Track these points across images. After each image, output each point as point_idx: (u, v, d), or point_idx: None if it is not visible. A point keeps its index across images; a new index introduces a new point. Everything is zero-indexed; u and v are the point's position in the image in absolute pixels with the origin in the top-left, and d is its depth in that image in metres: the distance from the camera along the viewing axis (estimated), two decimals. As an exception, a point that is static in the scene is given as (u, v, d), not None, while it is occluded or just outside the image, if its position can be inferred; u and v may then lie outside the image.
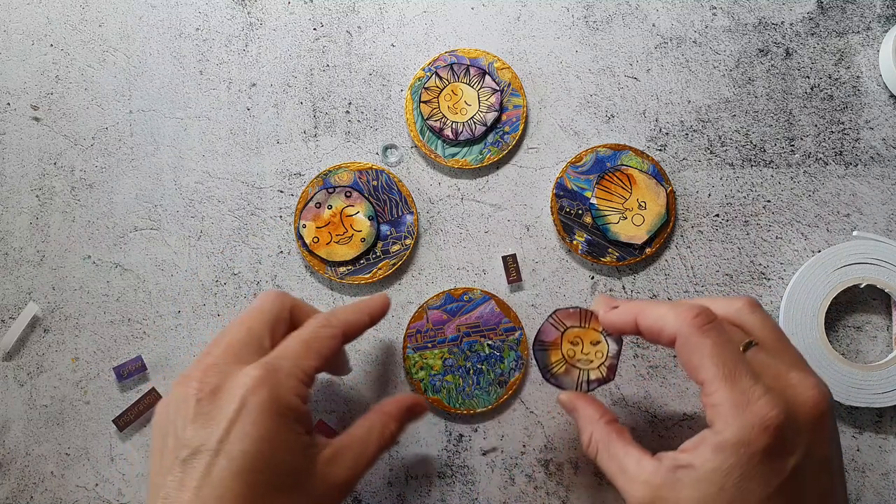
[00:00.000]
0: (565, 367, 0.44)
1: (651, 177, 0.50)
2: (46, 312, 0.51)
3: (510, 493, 0.49)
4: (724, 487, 0.34)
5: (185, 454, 0.36)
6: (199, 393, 0.37)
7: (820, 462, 0.35)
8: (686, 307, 0.37)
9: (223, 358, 0.39)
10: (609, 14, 0.52)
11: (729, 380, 0.35)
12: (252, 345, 0.40)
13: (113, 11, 0.53)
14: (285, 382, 0.38)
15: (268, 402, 0.37)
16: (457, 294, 0.50)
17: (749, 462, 0.34)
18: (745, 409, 0.34)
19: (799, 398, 0.35)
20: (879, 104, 0.51)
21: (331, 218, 0.50)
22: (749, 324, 0.38)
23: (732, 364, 0.35)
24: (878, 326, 0.50)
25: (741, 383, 0.35)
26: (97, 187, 0.52)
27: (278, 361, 0.38)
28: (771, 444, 0.34)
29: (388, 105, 0.52)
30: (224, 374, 0.38)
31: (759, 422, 0.34)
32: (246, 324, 0.40)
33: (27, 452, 0.50)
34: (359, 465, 0.40)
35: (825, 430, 0.35)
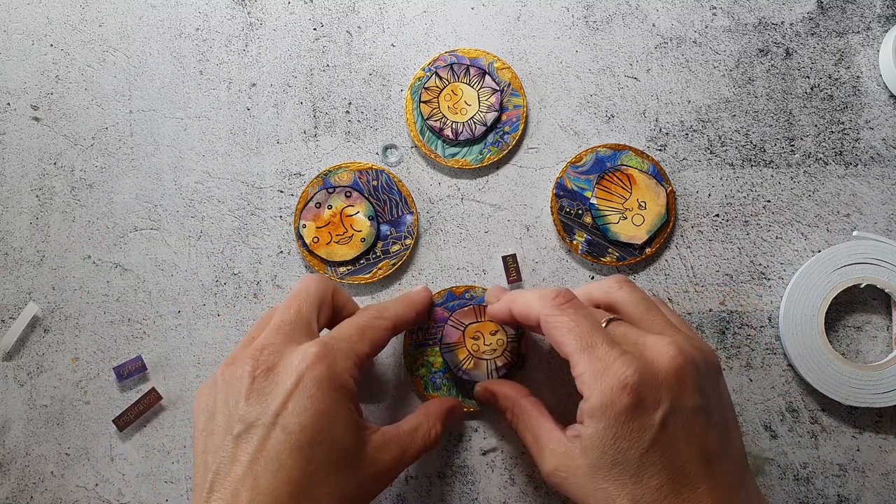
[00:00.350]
0: (473, 361, 0.48)
1: (651, 177, 0.50)
2: (46, 312, 0.51)
3: (510, 493, 0.49)
4: (605, 450, 0.36)
5: (239, 429, 0.36)
6: (255, 371, 0.37)
7: (690, 412, 0.36)
8: (548, 291, 0.40)
9: (276, 338, 0.39)
10: (609, 14, 0.52)
11: (587, 350, 0.37)
12: (302, 327, 0.40)
13: (113, 11, 0.53)
14: (341, 362, 0.38)
15: (326, 377, 0.37)
16: (458, 292, 0.50)
17: (617, 422, 0.36)
18: (603, 374, 0.36)
19: (655, 357, 0.37)
20: (879, 104, 0.51)
21: (331, 218, 0.50)
22: (618, 299, 0.42)
23: (589, 335, 0.37)
24: (878, 326, 0.50)
25: (598, 351, 0.37)
26: (97, 187, 0.52)
27: (335, 342, 0.39)
28: (631, 402, 0.35)
29: (388, 105, 0.52)
30: (279, 353, 0.38)
31: (617, 383, 0.36)
32: (293, 307, 0.41)
33: (27, 452, 0.50)
34: (404, 457, 0.41)
35: (688, 382, 0.36)
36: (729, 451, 0.37)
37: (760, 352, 0.50)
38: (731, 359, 0.50)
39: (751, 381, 0.50)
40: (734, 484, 0.37)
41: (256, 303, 0.51)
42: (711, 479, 0.36)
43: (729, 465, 0.37)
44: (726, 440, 0.38)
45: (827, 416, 0.49)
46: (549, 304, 0.39)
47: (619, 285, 0.42)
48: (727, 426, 0.38)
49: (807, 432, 0.49)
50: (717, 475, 0.36)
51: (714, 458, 0.36)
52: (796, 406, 0.50)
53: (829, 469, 0.49)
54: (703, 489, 0.36)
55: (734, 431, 0.39)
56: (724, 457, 0.37)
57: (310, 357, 0.37)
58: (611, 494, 0.36)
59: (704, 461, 0.36)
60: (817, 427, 0.49)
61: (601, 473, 0.36)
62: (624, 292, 0.42)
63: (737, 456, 0.38)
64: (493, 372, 0.48)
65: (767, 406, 0.49)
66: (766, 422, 0.49)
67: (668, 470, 0.35)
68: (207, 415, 0.38)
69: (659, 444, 0.36)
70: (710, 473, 0.36)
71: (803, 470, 0.49)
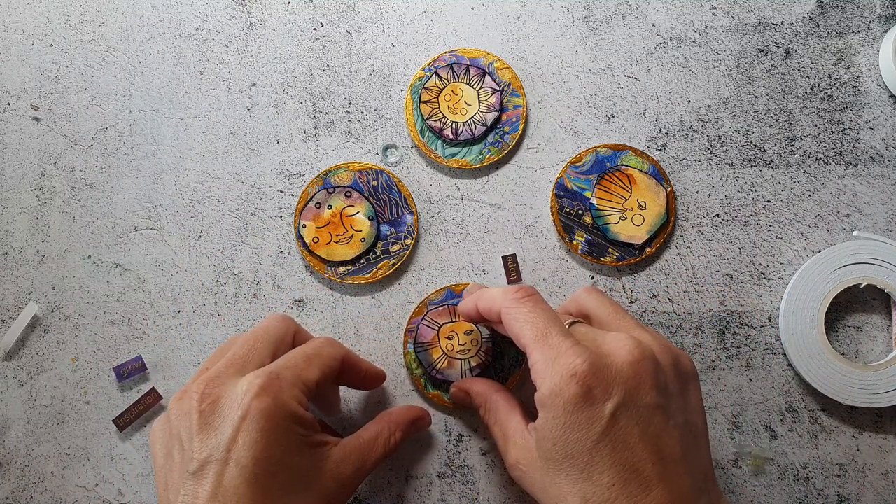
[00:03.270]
0: (447, 360, 0.49)
1: (651, 177, 0.50)
2: (46, 312, 0.51)
3: (510, 493, 0.49)
4: (555, 441, 0.36)
5: (195, 467, 0.36)
6: (202, 404, 0.37)
7: (646, 408, 0.36)
8: (511, 287, 0.40)
9: (224, 371, 0.39)
10: (609, 14, 0.52)
11: (541, 339, 0.37)
12: (253, 361, 0.40)
13: (113, 11, 0.53)
14: (287, 390, 0.38)
15: (272, 407, 0.37)
16: (458, 290, 0.50)
17: (565, 411, 0.35)
18: (553, 363, 0.36)
19: (612, 350, 0.37)
20: (879, 104, 0.51)
21: (331, 218, 0.50)
22: (587, 305, 0.42)
23: (544, 325, 0.37)
24: (878, 326, 0.50)
25: (551, 340, 0.37)
26: (97, 187, 0.52)
27: (279, 370, 0.39)
28: (579, 390, 0.35)
29: (388, 105, 0.52)
30: (224, 386, 0.38)
31: (567, 371, 0.35)
32: (249, 342, 0.41)
33: (27, 452, 0.50)
34: (364, 465, 0.41)
35: (645, 378, 0.36)
36: (691, 457, 0.36)
37: (760, 352, 0.50)
38: (731, 359, 0.50)
39: (751, 381, 0.50)
40: (694, 491, 0.35)
41: (256, 303, 0.51)
42: (668, 482, 0.35)
43: (689, 471, 0.36)
44: (690, 445, 0.37)
45: (827, 416, 0.49)
46: (510, 297, 0.39)
47: (587, 293, 0.43)
48: (692, 431, 0.37)
49: (807, 432, 0.49)
50: (674, 479, 0.35)
51: (672, 461, 0.35)
52: (796, 406, 0.50)
53: (829, 469, 0.49)
54: (658, 492, 0.34)
55: (701, 439, 0.38)
56: (686, 461, 0.36)
57: (254, 388, 0.37)
58: (562, 491, 0.35)
59: (661, 462, 0.35)
60: (817, 427, 0.49)
61: (554, 467, 0.36)
62: (592, 298, 0.42)
63: (701, 464, 0.37)
64: (466, 372, 0.48)
65: (767, 406, 0.49)
66: (766, 422, 0.49)
67: (619, 467, 0.34)
68: (164, 451, 0.39)
69: (609, 438, 0.35)
70: (666, 476, 0.35)
71: (803, 470, 0.49)
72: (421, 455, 0.50)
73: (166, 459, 0.38)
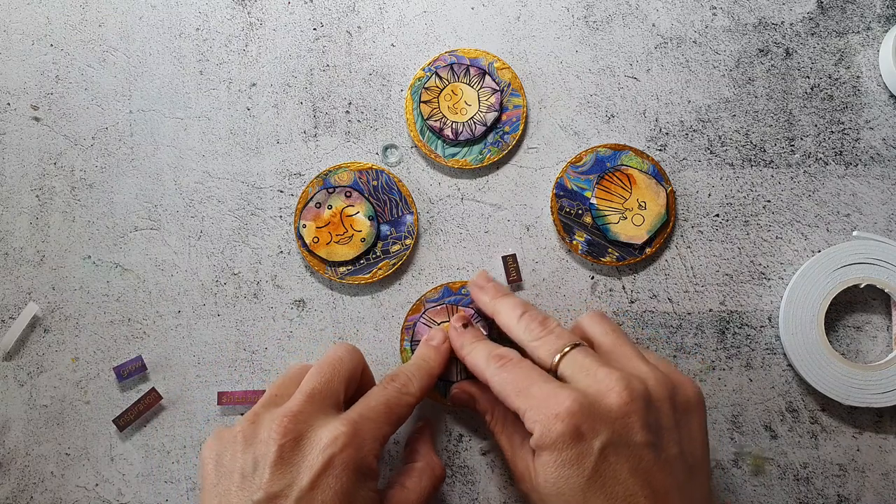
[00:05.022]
0: None
1: (651, 177, 0.50)
2: (46, 312, 0.51)
3: (510, 493, 0.49)
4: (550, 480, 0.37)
5: (260, 496, 0.36)
6: (283, 439, 0.37)
7: (637, 447, 0.36)
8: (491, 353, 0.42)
9: (306, 407, 0.39)
10: (609, 14, 0.52)
11: (524, 391, 0.39)
12: (332, 397, 0.40)
13: (113, 11, 0.53)
14: (368, 444, 0.39)
15: (353, 461, 0.37)
16: (455, 287, 0.50)
17: (555, 448, 0.36)
18: (539, 407, 0.37)
19: (601, 390, 0.37)
20: (879, 104, 0.51)
21: (331, 218, 0.50)
22: (590, 332, 0.43)
23: (524, 379, 0.39)
24: (878, 326, 0.50)
25: (533, 388, 0.38)
26: (97, 187, 0.52)
27: (363, 421, 0.39)
28: (566, 429, 0.36)
29: (388, 105, 0.52)
30: (308, 424, 0.38)
31: (552, 412, 0.36)
32: (326, 374, 0.41)
33: (27, 452, 0.50)
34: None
35: (634, 419, 0.37)
36: (686, 488, 0.37)
37: (760, 352, 0.50)
38: (731, 359, 0.50)
39: (751, 381, 0.50)
40: None
41: (256, 303, 0.51)
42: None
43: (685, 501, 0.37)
44: (683, 476, 0.37)
45: (827, 416, 0.49)
46: (492, 366, 0.41)
47: (591, 320, 0.44)
48: (687, 462, 0.38)
49: (807, 432, 0.49)
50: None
51: (664, 494, 0.36)
52: (796, 406, 0.50)
53: (829, 469, 0.49)
54: None
55: (697, 469, 0.38)
56: (681, 492, 0.37)
57: (340, 438, 0.38)
58: None
59: (653, 496, 0.36)
60: (817, 427, 0.49)
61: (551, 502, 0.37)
62: (595, 325, 0.44)
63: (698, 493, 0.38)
64: (461, 371, 0.48)
65: (767, 406, 0.49)
66: (766, 422, 0.49)
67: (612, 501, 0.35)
68: (222, 470, 0.38)
69: (600, 474, 0.36)
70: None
71: (803, 470, 0.49)
72: (421, 455, 0.50)
73: (221, 479, 0.38)
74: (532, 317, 0.43)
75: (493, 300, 0.46)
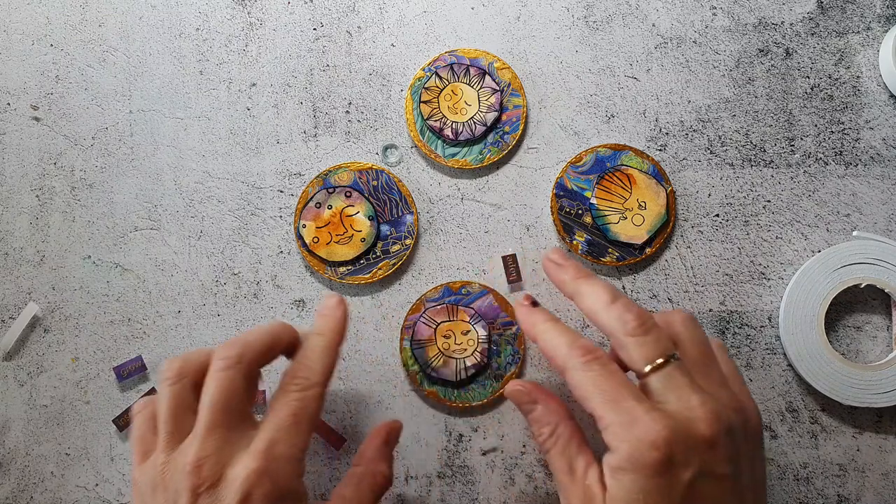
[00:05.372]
0: (443, 359, 0.49)
1: (651, 177, 0.50)
2: (46, 312, 0.51)
3: (510, 493, 0.49)
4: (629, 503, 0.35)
5: None
6: (199, 489, 0.36)
7: (718, 479, 0.36)
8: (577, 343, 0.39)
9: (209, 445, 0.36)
10: (609, 14, 0.52)
11: (613, 403, 0.36)
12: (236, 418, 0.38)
13: (113, 11, 0.53)
14: (285, 468, 0.37)
15: (272, 492, 0.36)
16: (455, 287, 0.50)
17: (645, 476, 0.35)
18: (632, 426, 0.35)
19: (692, 418, 0.36)
20: (879, 104, 0.51)
21: (331, 218, 0.50)
22: (682, 337, 0.40)
23: (615, 390, 0.37)
24: (878, 326, 0.50)
25: (625, 404, 0.36)
26: (97, 187, 0.52)
27: (274, 446, 0.37)
28: (661, 457, 0.35)
29: (388, 105, 0.52)
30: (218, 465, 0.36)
31: (647, 437, 0.35)
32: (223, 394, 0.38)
33: (27, 452, 0.50)
34: None
35: (719, 450, 0.36)
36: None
37: (760, 352, 0.50)
38: (730, 358, 0.50)
39: (751, 381, 0.50)
40: None
41: (256, 303, 0.51)
42: None
43: None
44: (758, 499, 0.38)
45: (827, 416, 0.49)
46: (576, 358, 0.38)
47: (684, 324, 0.40)
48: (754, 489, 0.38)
49: (807, 432, 0.49)
50: None
51: None
52: (796, 406, 0.50)
53: (829, 469, 0.49)
54: None
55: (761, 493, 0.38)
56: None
57: (253, 476, 0.36)
58: None
59: None
60: (817, 427, 0.49)
61: None
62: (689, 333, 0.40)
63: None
64: (461, 371, 0.48)
65: (767, 406, 0.49)
66: (766, 422, 0.49)
67: None
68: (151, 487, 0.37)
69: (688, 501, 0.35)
70: None
71: (803, 470, 0.49)
72: (421, 455, 0.50)
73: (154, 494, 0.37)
74: (627, 306, 0.39)
75: (577, 280, 0.41)
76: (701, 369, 0.39)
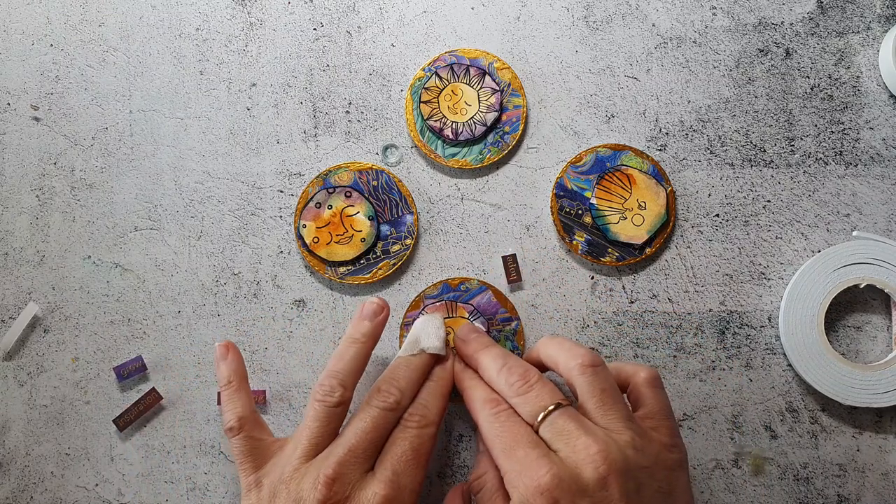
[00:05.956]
0: None
1: (651, 177, 0.50)
2: (46, 312, 0.51)
3: (510, 493, 0.49)
4: None
5: None
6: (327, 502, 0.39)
7: None
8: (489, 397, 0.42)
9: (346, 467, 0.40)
10: (609, 14, 0.52)
11: (509, 451, 0.39)
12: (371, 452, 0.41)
13: (113, 11, 0.53)
14: (408, 499, 0.40)
15: None
16: (454, 283, 0.50)
17: None
18: (522, 474, 0.37)
19: (579, 462, 0.37)
20: (879, 104, 0.51)
21: (331, 218, 0.50)
22: (577, 385, 0.41)
23: (513, 439, 0.39)
24: (878, 326, 0.50)
25: (518, 452, 0.38)
26: (97, 187, 0.52)
27: (398, 477, 0.41)
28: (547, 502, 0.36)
29: (388, 105, 0.52)
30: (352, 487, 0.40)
31: (532, 483, 0.37)
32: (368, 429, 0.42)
33: (27, 452, 0.50)
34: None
35: (613, 488, 0.37)
36: None
37: (760, 352, 0.50)
38: (731, 359, 0.50)
39: (751, 381, 0.50)
40: None
41: (256, 303, 0.51)
42: None
43: None
44: None
45: (827, 416, 0.49)
46: (486, 412, 0.41)
47: (581, 371, 0.41)
48: None
49: (807, 432, 0.49)
50: None
51: None
52: (796, 406, 0.50)
53: (829, 469, 0.49)
54: None
55: None
56: None
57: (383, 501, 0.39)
58: None
59: None
60: (817, 427, 0.49)
61: None
62: (584, 380, 0.41)
63: None
64: None
65: (767, 406, 0.49)
66: (766, 422, 0.49)
67: None
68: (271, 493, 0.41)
69: None
70: None
71: (803, 470, 0.49)
72: (421, 455, 0.50)
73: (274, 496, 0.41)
74: (511, 370, 0.42)
75: (476, 353, 0.45)
76: (597, 412, 0.40)
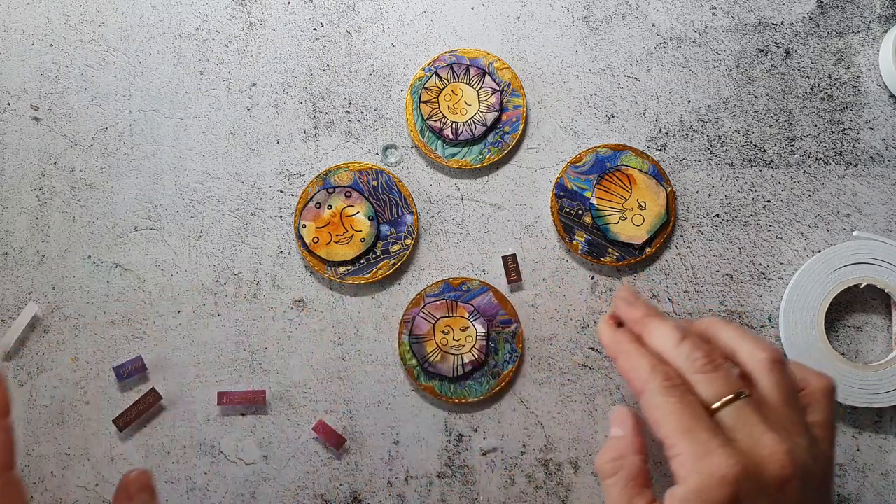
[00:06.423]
0: (441, 354, 0.49)
1: (651, 177, 0.50)
2: (46, 312, 0.51)
3: (510, 493, 0.49)
4: None
5: None
6: None
7: None
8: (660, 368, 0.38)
9: None
10: (609, 14, 0.52)
11: (687, 432, 0.35)
12: None
13: (113, 11, 0.53)
14: None
15: None
16: (455, 283, 0.50)
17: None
18: (703, 459, 0.35)
19: (765, 458, 0.35)
20: (879, 104, 0.51)
21: (331, 218, 0.50)
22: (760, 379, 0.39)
23: (691, 419, 0.36)
24: (878, 326, 0.50)
25: (699, 435, 0.35)
26: (97, 187, 0.52)
27: None
28: (729, 494, 0.34)
29: (388, 105, 0.52)
30: None
31: (717, 471, 0.34)
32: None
33: (27, 452, 0.50)
34: None
35: (790, 494, 0.35)
36: None
37: (760, 352, 0.50)
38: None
39: (751, 381, 0.50)
40: None
41: (256, 303, 0.51)
42: None
43: None
44: None
45: (827, 416, 0.49)
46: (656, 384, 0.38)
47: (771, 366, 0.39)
48: None
49: (807, 432, 0.49)
50: None
51: None
52: (796, 406, 0.50)
53: (829, 469, 0.49)
54: None
55: None
56: None
57: None
58: None
59: None
60: (817, 427, 0.49)
61: None
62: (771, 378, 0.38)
63: None
64: (458, 367, 0.49)
65: (767, 406, 0.49)
66: (766, 422, 0.49)
67: None
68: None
69: None
70: None
71: (803, 470, 0.49)
72: (421, 455, 0.50)
73: None
74: (695, 345, 0.39)
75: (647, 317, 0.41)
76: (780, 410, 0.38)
